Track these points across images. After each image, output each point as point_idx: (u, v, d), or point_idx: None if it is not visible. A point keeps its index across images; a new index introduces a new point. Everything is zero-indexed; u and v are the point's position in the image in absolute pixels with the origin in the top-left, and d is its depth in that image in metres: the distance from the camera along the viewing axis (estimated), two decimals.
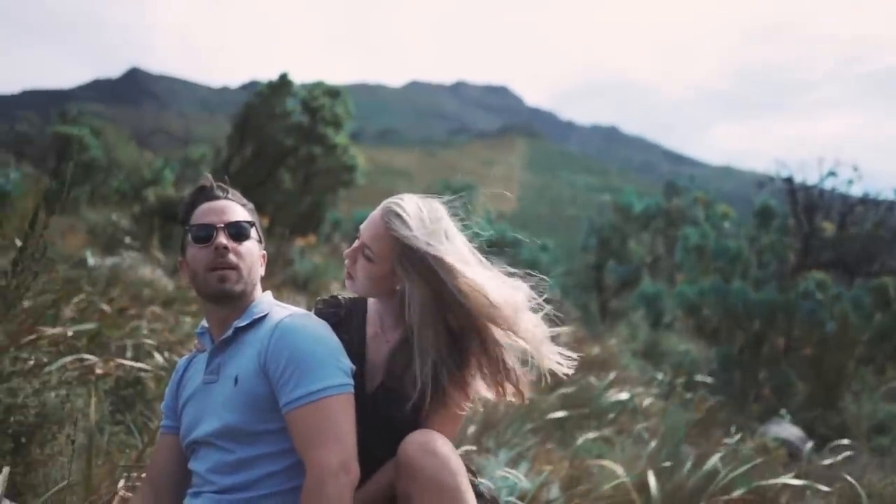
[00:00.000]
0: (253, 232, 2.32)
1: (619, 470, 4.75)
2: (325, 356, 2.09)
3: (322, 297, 2.54)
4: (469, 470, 2.29)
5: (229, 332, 2.23)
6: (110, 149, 22.31)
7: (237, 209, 2.31)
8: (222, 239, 2.21)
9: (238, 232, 2.26)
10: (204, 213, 2.27)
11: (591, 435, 5.86)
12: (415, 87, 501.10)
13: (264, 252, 2.40)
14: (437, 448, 2.03)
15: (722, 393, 9.37)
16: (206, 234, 2.22)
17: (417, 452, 2.03)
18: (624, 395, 7.42)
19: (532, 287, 2.34)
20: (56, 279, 5.49)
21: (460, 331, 2.20)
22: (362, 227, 2.30)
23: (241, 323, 2.23)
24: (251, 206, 2.40)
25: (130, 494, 3.02)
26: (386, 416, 2.23)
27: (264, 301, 2.32)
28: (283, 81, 17.72)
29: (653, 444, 5.67)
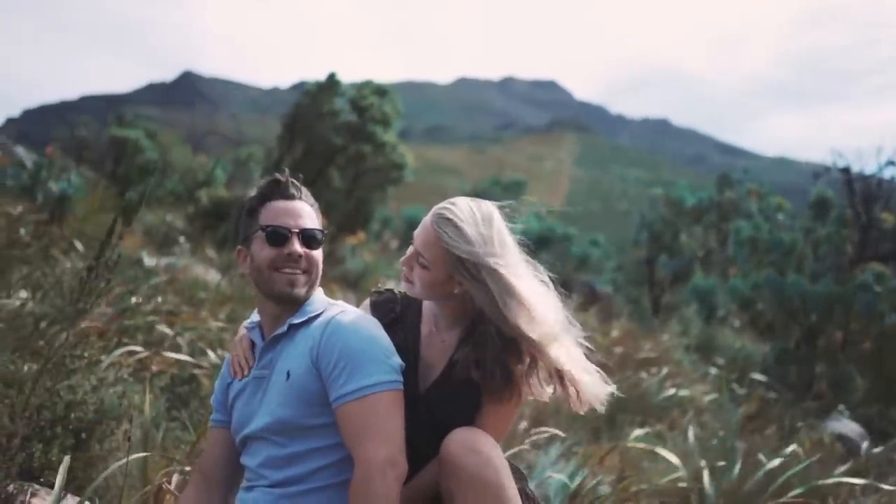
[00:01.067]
0: (322, 239, 2.35)
1: (675, 460, 4.69)
2: (375, 353, 2.12)
3: (377, 289, 2.55)
4: (515, 469, 2.29)
5: (283, 329, 2.27)
6: (164, 151, 22.73)
7: (310, 213, 2.33)
8: (297, 246, 2.24)
9: (312, 239, 2.29)
10: (279, 213, 2.28)
11: (642, 431, 5.79)
12: (463, 84, 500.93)
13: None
14: (480, 446, 2.04)
15: (777, 388, 9.19)
16: (281, 238, 2.25)
17: (460, 450, 2.04)
18: (676, 391, 7.32)
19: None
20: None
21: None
22: (416, 233, 2.30)
23: (297, 320, 2.26)
24: (317, 205, 2.42)
25: (174, 490, 3.08)
26: (438, 415, 2.24)
27: (318, 299, 2.35)
28: (331, 81, 17.84)
29: (711, 440, 5.59)
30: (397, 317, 2.41)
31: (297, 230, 2.26)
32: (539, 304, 2.17)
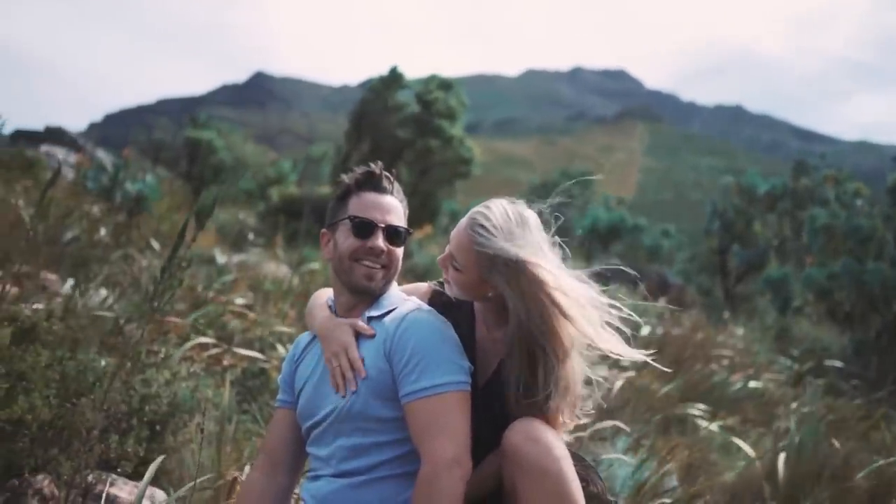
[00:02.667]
0: (407, 236, 2.37)
1: (749, 449, 4.61)
2: (447, 353, 2.15)
3: (441, 279, 2.58)
4: (580, 459, 2.28)
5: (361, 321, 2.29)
6: (237, 151, 23.25)
7: (398, 209, 2.35)
8: (380, 242, 2.27)
9: (396, 236, 2.31)
10: (368, 205, 2.31)
11: (714, 424, 5.70)
12: (531, 76, 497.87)
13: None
14: (540, 435, 2.05)
15: (856, 379, 8.90)
16: (367, 230, 2.28)
17: (520, 440, 2.05)
18: (749, 383, 7.17)
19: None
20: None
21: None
22: (451, 235, 2.30)
23: (374, 313, 2.30)
24: (406, 201, 2.44)
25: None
26: (495, 411, 2.25)
27: (394, 293, 2.39)
28: (394, 75, 17.96)
29: (785, 433, 5.47)
30: (457, 304, 2.41)
31: (383, 225, 2.28)
32: (571, 290, 2.14)
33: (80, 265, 6.56)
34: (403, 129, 17.48)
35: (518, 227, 2.19)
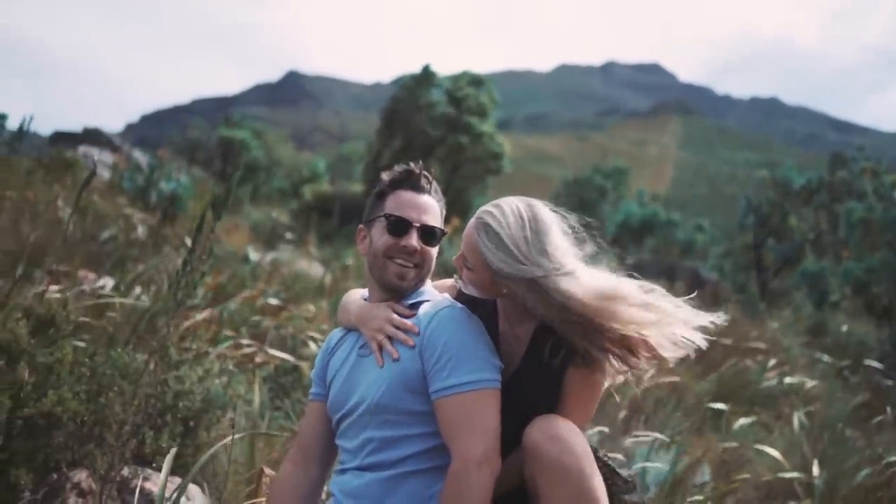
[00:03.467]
0: (442, 236, 2.37)
1: (778, 455, 4.56)
2: (479, 350, 2.15)
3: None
4: (601, 461, 2.27)
5: None
6: (270, 149, 23.45)
7: (435, 209, 2.36)
8: (414, 241, 2.28)
9: (430, 236, 2.32)
10: (405, 203, 2.32)
11: (747, 420, 5.64)
12: (563, 71, 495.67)
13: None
14: (560, 432, 2.04)
15: (894, 376, 8.73)
16: (401, 229, 2.29)
17: (541, 437, 2.04)
18: (784, 379, 7.08)
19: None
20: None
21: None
22: (463, 234, 2.27)
23: (408, 302, 2.32)
24: (444, 200, 2.45)
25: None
26: (519, 405, 2.25)
27: (427, 290, 2.40)
28: (426, 73, 17.99)
29: (821, 430, 5.40)
30: (480, 300, 2.41)
31: (417, 224, 2.29)
32: (585, 286, 2.09)
33: (117, 264, 6.68)
34: (434, 126, 17.48)
35: (531, 232, 2.14)
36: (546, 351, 2.21)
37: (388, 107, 18.41)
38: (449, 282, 2.58)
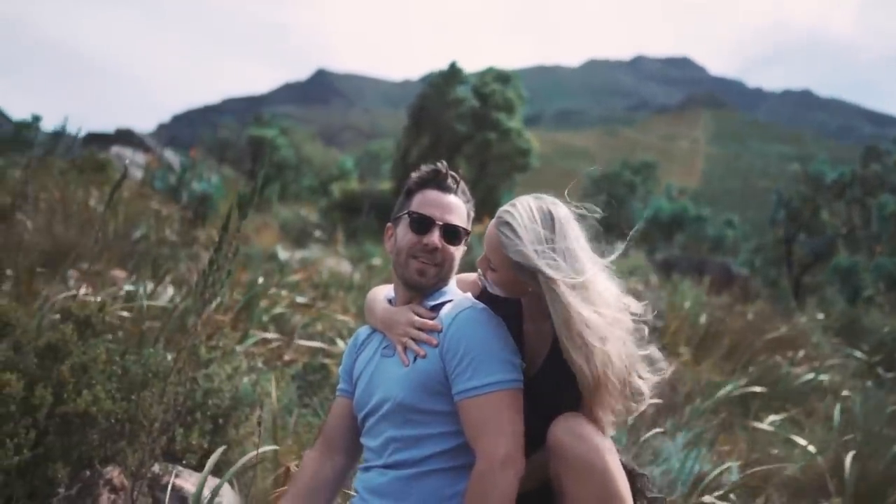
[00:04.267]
0: (464, 238, 2.38)
1: (806, 443, 4.51)
2: (500, 351, 2.17)
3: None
4: (627, 470, 2.27)
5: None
6: (299, 148, 23.59)
7: (460, 208, 2.38)
8: (435, 238, 2.29)
9: (453, 235, 2.33)
10: (429, 202, 2.35)
11: (777, 417, 5.59)
12: (592, 66, 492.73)
13: (466, 245, 2.45)
14: (584, 430, 2.06)
15: None
16: (423, 226, 2.31)
17: (565, 434, 2.06)
18: (815, 376, 6.99)
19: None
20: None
21: None
22: (485, 235, 2.28)
23: (432, 302, 2.33)
24: (472, 201, 2.47)
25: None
26: (544, 403, 2.27)
27: (450, 289, 2.41)
28: (454, 70, 17.97)
29: (852, 427, 5.32)
30: (501, 299, 2.42)
31: (440, 223, 2.31)
32: (596, 327, 2.10)
33: (149, 263, 6.77)
34: (462, 123, 17.47)
35: (546, 230, 2.15)
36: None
37: (416, 104, 18.43)
38: (472, 276, 2.59)
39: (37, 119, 13.83)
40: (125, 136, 21.13)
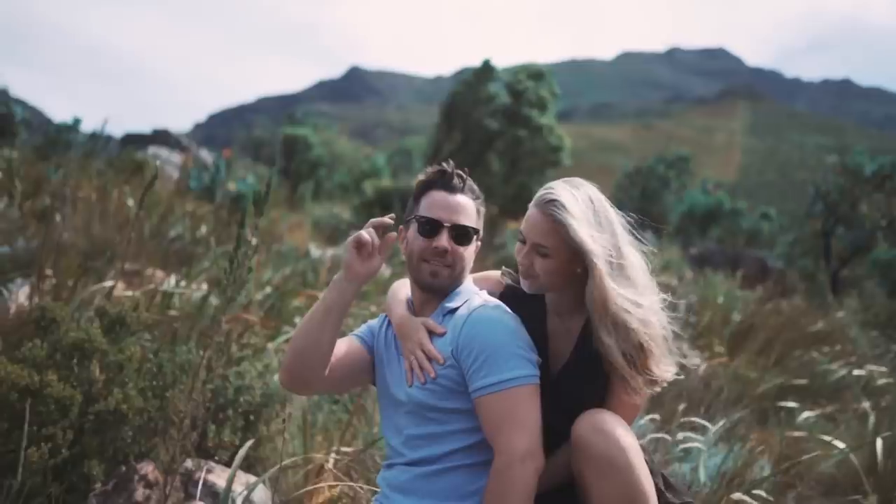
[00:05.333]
0: (474, 237, 2.37)
1: (839, 443, 4.45)
2: (515, 348, 2.17)
3: (509, 270, 2.61)
4: (652, 471, 2.28)
5: (439, 320, 2.33)
6: (332, 146, 23.72)
7: (468, 207, 2.36)
8: (444, 241, 2.29)
9: (462, 235, 2.33)
10: (436, 204, 2.34)
11: (812, 413, 5.52)
12: (627, 59, 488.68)
13: (479, 242, 2.44)
14: (608, 426, 2.06)
15: None
16: (432, 230, 2.31)
17: (588, 431, 2.07)
18: (852, 371, 6.89)
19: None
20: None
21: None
22: (526, 228, 2.31)
23: (449, 305, 2.33)
24: (482, 197, 2.45)
25: (333, 469, 3.28)
26: (569, 399, 2.28)
27: (466, 287, 2.41)
28: (486, 67, 17.97)
29: (890, 424, 5.24)
30: (528, 295, 2.43)
31: (448, 224, 2.30)
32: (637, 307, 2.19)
33: (184, 262, 6.87)
34: (493, 119, 17.45)
35: (589, 210, 2.24)
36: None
37: (448, 101, 18.47)
38: (494, 275, 2.60)
39: (77, 121, 14.09)
40: (162, 137, 21.46)
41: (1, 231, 6.47)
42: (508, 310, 2.31)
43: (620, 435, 2.05)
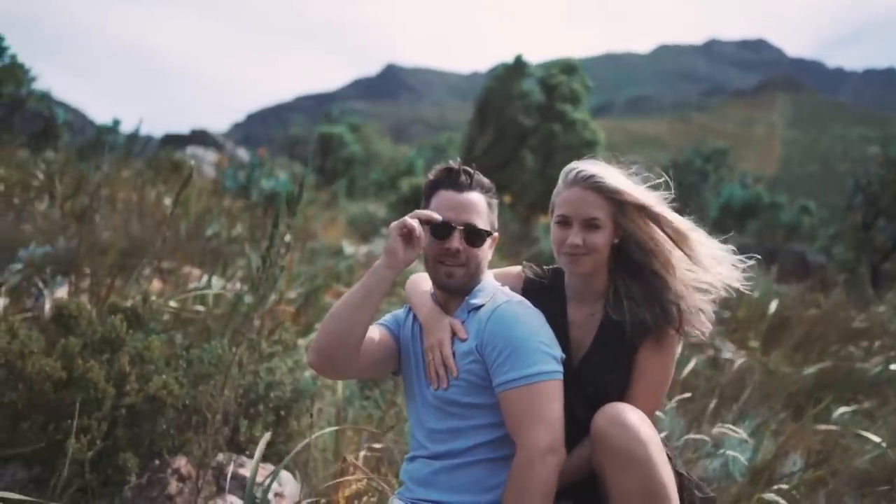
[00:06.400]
0: (487, 236, 2.36)
1: (877, 440, 4.39)
2: (538, 343, 2.19)
3: (529, 263, 2.62)
4: (675, 470, 2.27)
5: (464, 316, 2.34)
6: (367, 144, 23.84)
7: (478, 204, 2.35)
8: (456, 243, 2.30)
9: (474, 234, 2.32)
10: (445, 204, 2.33)
11: (849, 408, 5.44)
12: (664, 51, 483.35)
13: (496, 234, 2.44)
14: (627, 419, 2.06)
15: None
16: (443, 232, 2.31)
17: (607, 424, 2.07)
18: (891, 366, 6.77)
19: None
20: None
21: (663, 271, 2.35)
22: (570, 208, 2.33)
23: (474, 302, 2.34)
24: (493, 190, 2.45)
25: (361, 464, 3.31)
26: (591, 388, 2.29)
27: (488, 285, 2.41)
28: (518, 63, 17.94)
29: None
30: (544, 287, 2.48)
31: (460, 227, 2.30)
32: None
33: (220, 260, 6.97)
34: (527, 115, 17.41)
35: (620, 174, 2.37)
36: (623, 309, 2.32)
37: (481, 97, 18.48)
38: (514, 271, 2.62)
39: (117, 123, 14.36)
40: (200, 137, 21.75)
41: (42, 231, 6.62)
42: (532, 306, 2.32)
43: (640, 428, 2.05)
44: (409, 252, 2.27)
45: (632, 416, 2.08)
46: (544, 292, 2.46)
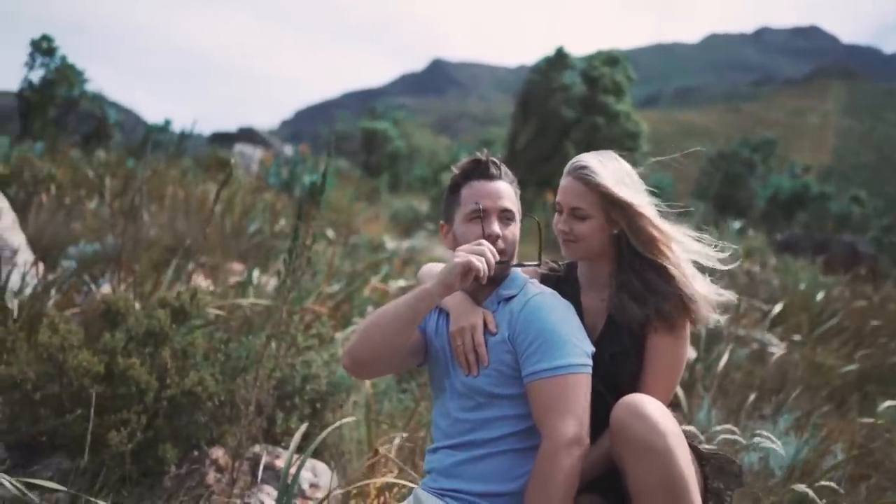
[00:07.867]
0: (517, 217, 2.40)
1: None
2: (569, 335, 2.20)
3: (546, 261, 2.64)
4: (697, 451, 2.27)
5: (494, 307, 2.34)
6: (410, 138, 23.93)
7: (509, 193, 2.38)
8: (495, 227, 2.31)
9: (508, 219, 2.35)
10: (479, 192, 2.35)
11: (893, 402, 5.33)
12: (713, 41, 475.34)
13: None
14: (646, 410, 2.05)
15: None
16: (480, 218, 2.32)
17: (626, 416, 2.07)
18: None
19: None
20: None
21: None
22: (561, 197, 2.40)
23: (506, 293, 2.35)
24: (516, 180, 2.48)
25: (393, 457, 3.36)
26: (606, 374, 2.30)
27: (519, 277, 2.42)
28: (560, 55, 17.82)
29: None
30: (559, 279, 2.54)
31: (495, 211, 2.33)
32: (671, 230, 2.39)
33: (263, 255, 7.09)
34: (569, 107, 17.29)
35: (618, 172, 2.38)
36: (627, 313, 2.33)
37: (523, 90, 18.41)
38: (529, 267, 2.64)
39: (168, 122, 14.67)
40: (247, 134, 22.08)
41: (92, 229, 6.81)
42: (563, 299, 2.33)
43: (659, 419, 2.04)
44: (463, 284, 2.25)
45: (651, 407, 2.07)
46: (560, 283, 2.50)
